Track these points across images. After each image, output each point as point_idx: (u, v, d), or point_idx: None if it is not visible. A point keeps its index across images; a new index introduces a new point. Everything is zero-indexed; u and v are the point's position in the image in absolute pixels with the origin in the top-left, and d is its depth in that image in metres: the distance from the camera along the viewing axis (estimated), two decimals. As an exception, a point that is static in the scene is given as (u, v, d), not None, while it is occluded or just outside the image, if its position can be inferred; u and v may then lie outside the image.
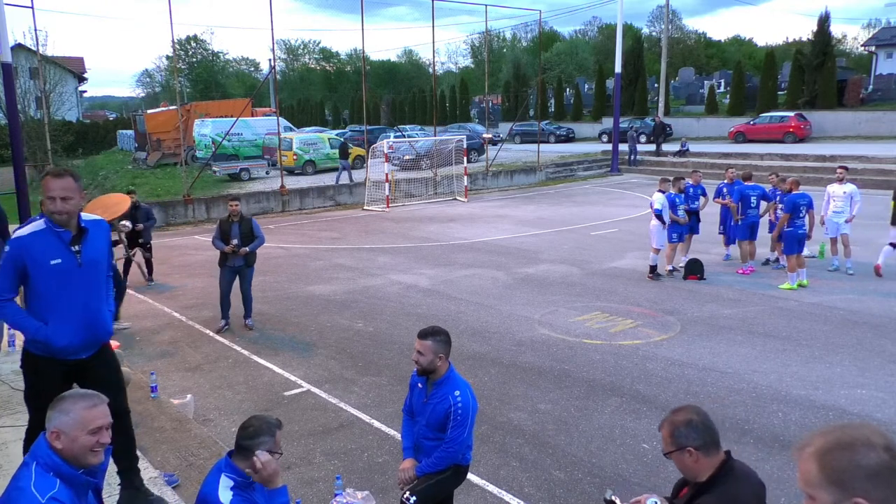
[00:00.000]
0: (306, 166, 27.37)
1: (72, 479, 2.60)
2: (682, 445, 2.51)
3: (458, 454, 3.80)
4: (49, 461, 2.59)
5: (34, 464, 2.60)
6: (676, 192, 11.75)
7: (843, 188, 11.34)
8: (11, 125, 16.77)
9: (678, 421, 2.55)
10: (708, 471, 2.51)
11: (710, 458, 2.51)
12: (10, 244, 3.82)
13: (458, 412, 3.71)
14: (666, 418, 2.62)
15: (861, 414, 6.29)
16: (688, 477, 2.58)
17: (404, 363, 7.75)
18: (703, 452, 2.50)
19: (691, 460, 2.51)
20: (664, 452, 2.61)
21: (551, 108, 47.94)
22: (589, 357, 7.91)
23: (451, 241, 15.53)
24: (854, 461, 1.49)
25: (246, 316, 9.42)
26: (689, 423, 2.53)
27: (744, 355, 7.85)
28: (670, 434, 2.55)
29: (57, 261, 3.82)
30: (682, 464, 2.54)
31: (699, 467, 2.51)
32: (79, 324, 3.97)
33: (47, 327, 3.88)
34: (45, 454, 2.60)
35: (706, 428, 2.53)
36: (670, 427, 2.56)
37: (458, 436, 3.73)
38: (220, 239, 9.17)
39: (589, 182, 27.11)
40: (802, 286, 10.51)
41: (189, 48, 74.84)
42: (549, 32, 71.11)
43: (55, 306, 3.87)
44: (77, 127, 43.83)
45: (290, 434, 6.12)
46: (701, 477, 2.52)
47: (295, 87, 78.45)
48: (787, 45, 63.60)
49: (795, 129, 31.10)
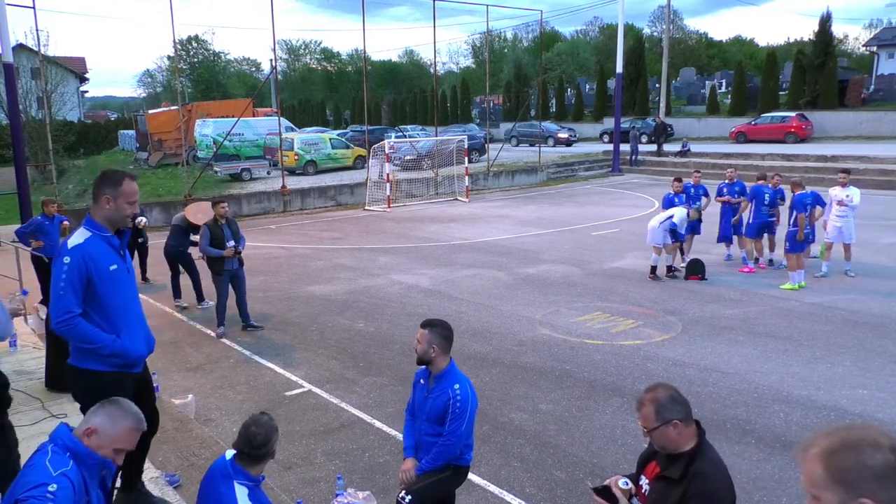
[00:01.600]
0: (307, 166, 27.37)
1: (87, 458, 2.65)
2: (667, 419, 2.60)
3: (455, 449, 3.79)
4: (69, 443, 2.64)
5: (51, 445, 2.65)
6: (674, 192, 11.77)
7: (846, 192, 11.24)
8: (13, 125, 16.78)
9: (661, 397, 2.64)
10: (690, 440, 2.64)
11: (689, 427, 2.65)
12: (72, 253, 3.52)
13: (456, 405, 3.72)
14: (644, 397, 2.69)
15: (862, 414, 6.28)
16: (668, 449, 2.65)
17: (405, 363, 7.76)
18: (686, 423, 2.63)
19: (675, 433, 2.61)
20: (648, 429, 2.66)
21: (552, 109, 47.95)
22: (590, 357, 7.91)
23: (452, 241, 15.53)
24: (860, 461, 1.49)
25: (247, 320, 9.25)
26: (671, 398, 2.65)
27: (745, 355, 7.84)
28: (655, 411, 2.63)
29: (114, 267, 3.65)
30: (665, 437, 2.62)
31: (682, 438, 2.62)
32: (142, 332, 3.85)
33: (119, 339, 3.67)
34: (66, 437, 2.66)
35: (685, 401, 2.67)
36: (654, 404, 2.64)
37: (455, 429, 3.73)
38: (213, 244, 8.80)
39: (590, 182, 27.10)
40: (801, 287, 10.50)
41: (190, 48, 74.82)
42: (551, 32, 71.10)
43: (122, 316, 3.68)
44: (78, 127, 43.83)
45: (291, 434, 6.13)
46: (683, 447, 2.63)
47: (296, 88, 78.46)
48: (788, 46, 63.52)
49: (797, 130, 31.08)
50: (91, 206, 3.76)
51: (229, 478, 3.04)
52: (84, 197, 23.88)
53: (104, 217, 3.66)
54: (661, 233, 11.23)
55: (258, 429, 3.08)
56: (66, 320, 3.51)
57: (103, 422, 2.68)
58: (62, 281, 3.48)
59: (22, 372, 6.70)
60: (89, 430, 2.66)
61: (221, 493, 3.01)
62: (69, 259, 3.52)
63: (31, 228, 10.22)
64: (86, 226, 3.67)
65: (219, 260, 8.86)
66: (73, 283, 3.51)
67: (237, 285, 9.14)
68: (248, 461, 3.08)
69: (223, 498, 3.00)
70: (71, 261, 3.52)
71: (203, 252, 8.91)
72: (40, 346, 7.51)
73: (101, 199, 3.67)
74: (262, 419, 3.16)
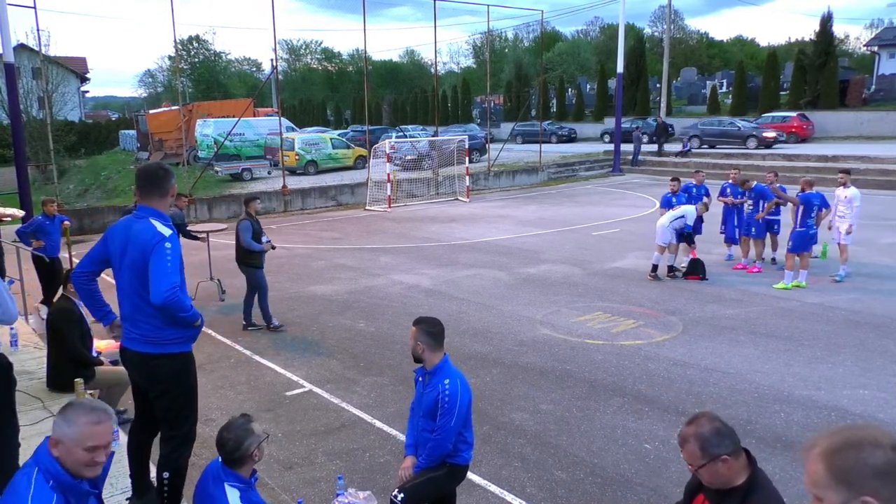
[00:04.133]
0: (308, 166, 27.39)
1: (72, 489, 2.55)
2: (715, 455, 2.42)
3: (447, 444, 3.78)
4: (51, 469, 2.54)
5: (36, 470, 2.54)
6: (672, 192, 11.76)
7: (846, 192, 11.21)
8: (14, 125, 16.79)
9: (705, 432, 2.45)
10: (742, 472, 2.44)
11: (739, 460, 2.44)
12: (172, 239, 3.86)
13: (444, 400, 3.74)
14: (686, 432, 2.51)
15: (864, 414, 6.28)
16: (716, 485, 2.46)
17: (406, 363, 7.75)
18: (735, 457, 2.43)
19: (725, 468, 2.42)
20: (696, 467, 2.47)
21: (553, 109, 47.95)
22: (591, 357, 7.91)
23: (453, 241, 15.52)
24: (862, 460, 1.49)
25: (250, 318, 9.34)
26: (717, 431, 2.45)
27: (746, 355, 7.84)
28: (700, 447, 2.44)
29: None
30: (715, 474, 2.44)
31: (732, 473, 2.43)
32: None
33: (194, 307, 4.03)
34: (47, 461, 2.56)
35: (731, 432, 2.47)
36: (699, 441, 2.45)
37: (445, 424, 3.74)
38: (254, 238, 9.02)
39: (591, 182, 27.10)
40: (799, 287, 10.45)
41: (191, 48, 74.87)
42: (551, 32, 71.10)
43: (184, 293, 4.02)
44: (79, 127, 43.87)
45: (292, 434, 6.13)
46: (735, 481, 2.43)
47: (297, 88, 78.47)
48: (789, 46, 63.53)
49: (798, 130, 31.07)
50: (151, 199, 3.96)
51: (220, 481, 3.04)
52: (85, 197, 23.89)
53: (167, 210, 4.04)
54: (670, 231, 11.19)
55: (229, 434, 3.10)
56: (174, 290, 3.76)
57: (61, 428, 2.56)
58: (169, 261, 3.78)
59: (22, 372, 6.68)
60: (53, 441, 2.56)
61: (214, 497, 3.01)
62: (170, 245, 3.84)
63: (32, 228, 10.22)
64: (159, 218, 3.92)
65: (259, 253, 9.11)
66: (176, 262, 3.86)
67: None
68: (230, 464, 3.08)
69: (215, 501, 3.00)
70: (173, 247, 3.86)
71: (247, 247, 9.05)
72: (41, 346, 7.51)
73: (171, 192, 4.05)
74: (237, 423, 3.15)
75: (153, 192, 3.95)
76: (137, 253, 3.81)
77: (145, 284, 3.79)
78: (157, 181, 3.95)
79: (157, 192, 3.95)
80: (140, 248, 3.80)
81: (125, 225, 3.95)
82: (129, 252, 3.84)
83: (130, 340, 3.97)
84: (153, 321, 3.87)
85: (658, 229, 11.36)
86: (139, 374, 4.06)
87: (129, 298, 3.91)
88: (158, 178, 3.96)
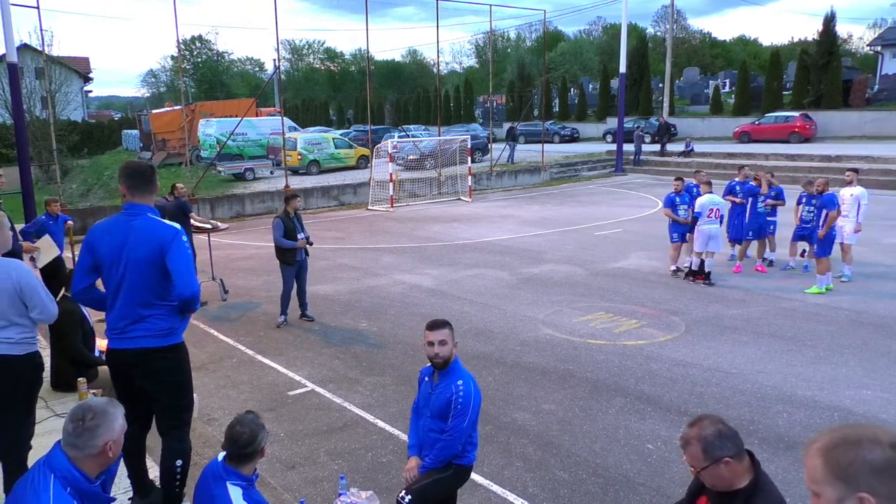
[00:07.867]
0: (311, 166, 27.40)
1: (91, 496, 2.55)
2: (717, 458, 2.41)
3: (458, 445, 3.78)
4: (69, 475, 2.51)
5: (52, 476, 2.50)
6: (675, 191, 11.74)
7: (852, 191, 11.13)
8: (17, 125, 16.81)
9: (707, 434, 2.44)
10: (745, 475, 2.43)
11: (742, 463, 2.43)
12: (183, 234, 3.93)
13: (458, 401, 3.73)
14: (689, 434, 2.50)
15: (866, 415, 6.27)
16: (719, 487, 2.45)
17: (408, 363, 7.76)
18: (738, 459, 2.42)
19: (727, 470, 2.41)
20: (699, 469, 2.46)
21: (555, 108, 47.89)
22: (593, 357, 7.90)
23: (455, 241, 15.52)
24: (859, 456, 1.50)
25: (306, 309, 9.59)
26: (719, 434, 2.44)
27: (748, 356, 7.83)
28: (703, 450, 2.43)
29: None
30: (717, 476, 2.43)
31: (735, 476, 2.42)
32: None
33: None
34: (64, 468, 2.52)
35: (734, 434, 2.46)
36: (701, 443, 2.44)
37: (458, 425, 3.73)
38: (286, 236, 9.15)
39: (593, 182, 27.08)
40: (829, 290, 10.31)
41: (194, 48, 74.94)
42: (554, 32, 71.08)
43: None
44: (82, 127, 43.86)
45: (294, 434, 6.14)
46: (738, 484, 2.42)
47: (299, 87, 78.49)
48: (792, 45, 63.38)
49: (801, 129, 30.99)
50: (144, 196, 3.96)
51: (221, 479, 3.03)
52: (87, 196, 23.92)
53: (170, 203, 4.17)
54: (705, 237, 10.95)
55: (243, 427, 3.08)
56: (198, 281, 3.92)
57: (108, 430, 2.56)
58: (188, 256, 3.87)
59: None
60: (108, 446, 2.55)
61: (215, 496, 3.00)
62: (185, 238, 3.95)
63: (35, 228, 10.24)
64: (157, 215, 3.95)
65: (290, 251, 9.23)
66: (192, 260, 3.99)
67: (300, 276, 9.53)
68: (237, 461, 3.07)
69: (217, 500, 2.98)
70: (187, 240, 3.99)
71: (277, 244, 9.24)
72: (44, 346, 7.52)
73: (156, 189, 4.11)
74: (247, 418, 3.15)
75: (145, 189, 3.94)
76: (148, 248, 3.75)
77: (158, 279, 3.75)
78: (148, 179, 3.96)
79: (149, 190, 3.97)
80: (154, 242, 3.76)
81: (118, 223, 3.85)
82: (134, 249, 3.75)
83: (130, 339, 3.82)
84: (162, 313, 3.83)
85: (698, 236, 11.03)
86: (139, 371, 3.89)
87: (135, 295, 3.78)
88: (148, 175, 3.97)
